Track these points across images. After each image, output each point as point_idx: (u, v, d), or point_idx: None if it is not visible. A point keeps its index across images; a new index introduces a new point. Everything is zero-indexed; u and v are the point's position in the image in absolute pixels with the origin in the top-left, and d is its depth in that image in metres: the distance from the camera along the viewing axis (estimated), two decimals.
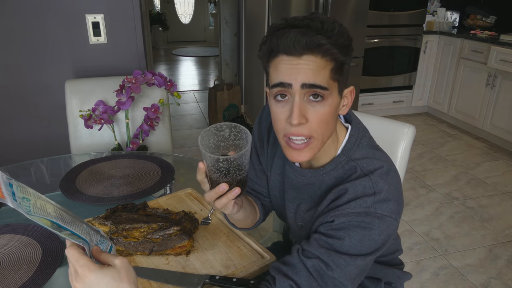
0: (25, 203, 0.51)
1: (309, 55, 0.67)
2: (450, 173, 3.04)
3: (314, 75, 0.67)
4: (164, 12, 8.82)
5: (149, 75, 1.56)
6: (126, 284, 0.58)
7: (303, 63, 0.67)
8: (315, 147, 0.73)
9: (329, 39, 0.67)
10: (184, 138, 3.68)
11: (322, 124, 0.71)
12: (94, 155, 1.48)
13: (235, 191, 0.68)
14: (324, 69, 0.68)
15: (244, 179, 0.70)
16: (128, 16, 1.89)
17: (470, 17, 4.07)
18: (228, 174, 0.67)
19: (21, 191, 0.52)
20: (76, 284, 0.57)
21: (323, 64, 0.68)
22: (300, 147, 0.72)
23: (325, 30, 0.67)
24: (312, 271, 0.70)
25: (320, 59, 0.67)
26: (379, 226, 0.70)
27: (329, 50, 0.67)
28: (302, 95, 0.69)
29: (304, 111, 0.69)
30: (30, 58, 1.84)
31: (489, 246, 2.20)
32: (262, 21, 3.36)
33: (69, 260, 0.58)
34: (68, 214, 0.58)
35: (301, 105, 0.69)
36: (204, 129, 0.69)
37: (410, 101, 4.24)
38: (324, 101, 0.70)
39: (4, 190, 0.49)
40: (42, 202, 0.54)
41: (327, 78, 0.68)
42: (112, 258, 0.60)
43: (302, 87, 0.68)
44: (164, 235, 0.90)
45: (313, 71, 0.67)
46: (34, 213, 0.52)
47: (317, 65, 0.67)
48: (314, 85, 0.68)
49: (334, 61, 0.68)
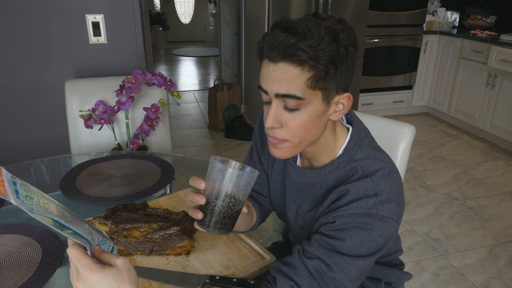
0: (28, 201, 0.52)
1: (285, 63, 0.66)
2: (450, 173, 3.04)
3: (288, 85, 0.67)
4: (164, 12, 8.82)
5: (149, 75, 1.56)
6: (127, 284, 0.58)
7: (278, 71, 0.67)
8: (291, 149, 0.74)
9: (310, 48, 0.64)
10: (184, 138, 3.68)
11: (299, 129, 0.71)
12: (94, 155, 1.48)
13: (198, 214, 0.70)
14: (299, 79, 0.66)
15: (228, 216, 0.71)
16: (128, 16, 1.89)
17: (470, 17, 4.07)
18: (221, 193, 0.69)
19: (25, 190, 0.52)
20: (77, 284, 0.57)
21: (298, 73, 0.66)
22: (275, 143, 0.74)
23: (311, 37, 0.64)
24: (313, 271, 0.70)
25: (296, 67, 0.65)
26: (380, 227, 0.69)
27: (307, 61, 0.64)
28: (278, 101, 0.70)
29: (280, 116, 0.71)
30: (30, 58, 1.84)
31: (489, 246, 2.20)
32: (262, 21, 3.36)
33: (71, 260, 0.57)
34: (70, 213, 0.58)
35: (276, 110, 0.70)
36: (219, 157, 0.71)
37: (410, 101, 4.24)
38: (301, 110, 0.69)
39: (7, 188, 0.50)
40: (45, 200, 0.55)
41: (303, 87, 0.67)
42: (113, 258, 0.59)
43: (276, 96, 0.69)
44: (164, 235, 0.90)
45: (287, 81, 0.67)
46: (37, 211, 0.52)
47: (292, 74, 0.66)
48: (287, 95, 0.68)
49: (313, 70, 0.66)
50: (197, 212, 0.70)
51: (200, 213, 0.70)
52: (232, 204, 0.70)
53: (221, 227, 0.71)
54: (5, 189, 0.49)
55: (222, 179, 0.68)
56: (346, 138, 0.79)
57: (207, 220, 0.71)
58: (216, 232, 0.72)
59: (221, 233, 0.72)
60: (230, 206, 0.70)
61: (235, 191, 0.69)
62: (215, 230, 0.71)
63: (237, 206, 0.71)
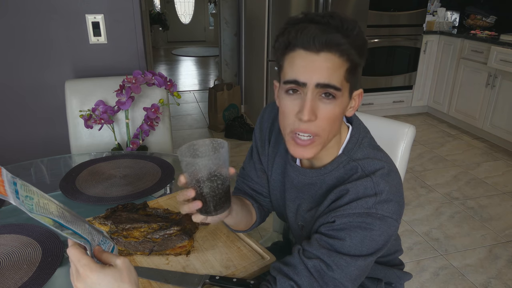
0: (28, 201, 0.52)
1: (327, 53, 0.67)
2: (450, 173, 3.04)
3: (330, 75, 0.67)
4: (164, 12, 8.81)
5: (149, 75, 1.56)
6: (128, 284, 0.58)
7: (320, 60, 0.67)
8: (319, 145, 0.73)
9: (348, 38, 0.66)
10: (184, 138, 3.68)
11: (329, 122, 0.71)
12: (94, 155, 1.48)
13: (196, 203, 0.69)
14: (340, 69, 0.68)
15: (220, 195, 0.70)
16: (128, 16, 1.89)
17: (470, 17, 4.07)
18: (201, 181, 0.68)
19: (25, 190, 0.52)
20: (78, 284, 0.57)
21: (340, 63, 0.67)
22: (305, 144, 0.72)
23: (345, 29, 0.66)
24: (313, 271, 0.70)
25: (338, 58, 0.67)
26: (380, 227, 0.69)
27: (347, 50, 0.67)
28: (315, 92, 0.69)
29: (315, 108, 0.69)
30: (30, 58, 1.84)
31: (489, 246, 2.20)
32: (262, 21, 3.36)
33: (71, 260, 0.57)
34: (70, 213, 0.58)
35: (313, 101, 0.69)
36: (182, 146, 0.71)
37: (410, 101, 4.24)
38: (335, 101, 0.69)
39: (7, 188, 0.50)
40: (45, 201, 0.55)
41: (341, 78, 0.68)
42: (113, 258, 0.59)
43: (316, 86, 0.68)
44: (164, 235, 0.90)
45: (329, 70, 0.67)
46: (37, 211, 0.52)
47: (334, 64, 0.67)
48: (328, 85, 0.67)
49: (350, 61, 0.68)
50: (195, 203, 0.69)
51: (199, 202, 0.69)
52: (219, 183, 0.69)
53: (222, 206, 0.72)
54: (5, 190, 0.49)
55: (197, 171, 0.68)
56: (346, 137, 0.79)
57: (206, 208, 0.71)
58: (220, 212, 0.72)
59: (224, 210, 0.72)
60: (219, 186, 0.70)
61: (214, 172, 0.68)
62: (218, 211, 0.72)
63: (225, 182, 0.70)
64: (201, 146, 0.73)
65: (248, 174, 0.98)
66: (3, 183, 0.50)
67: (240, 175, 1.01)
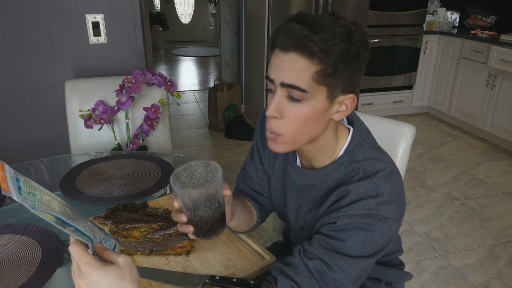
0: (31, 198, 0.52)
1: (295, 53, 0.66)
2: (450, 173, 3.04)
3: (295, 76, 0.67)
4: (164, 12, 8.82)
5: (149, 75, 1.56)
6: (129, 282, 0.58)
7: (287, 60, 0.67)
8: (286, 144, 0.74)
9: (323, 41, 0.64)
10: (184, 138, 3.68)
11: (297, 123, 0.71)
12: (94, 155, 1.48)
13: (188, 228, 0.70)
14: (306, 71, 0.66)
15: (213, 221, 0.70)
16: (128, 16, 1.89)
17: (470, 17, 4.07)
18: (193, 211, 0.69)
19: (27, 186, 0.52)
20: (79, 281, 0.57)
21: (307, 65, 0.66)
22: (270, 138, 0.74)
23: (325, 31, 0.64)
24: (313, 272, 0.70)
25: (305, 59, 0.66)
26: (381, 228, 0.69)
27: (315, 54, 0.65)
28: (282, 91, 0.69)
29: (281, 107, 0.70)
30: (30, 58, 1.84)
31: (489, 246, 2.20)
32: (262, 21, 3.36)
33: (72, 257, 0.57)
34: (72, 211, 0.58)
35: (279, 99, 0.70)
36: (177, 169, 0.71)
37: (410, 101, 4.24)
38: (302, 103, 0.69)
39: (10, 185, 0.50)
40: (47, 197, 0.55)
41: (310, 80, 0.67)
42: (115, 256, 0.59)
43: (281, 85, 0.69)
44: (164, 235, 0.89)
45: (294, 71, 0.67)
46: (39, 208, 0.52)
47: (300, 65, 0.66)
48: (292, 85, 0.68)
49: (323, 65, 0.66)
50: (187, 227, 0.71)
51: (191, 227, 0.71)
52: (211, 213, 0.69)
53: (215, 232, 0.72)
54: (8, 186, 0.49)
55: (188, 202, 0.68)
56: (347, 138, 0.79)
57: (198, 232, 0.72)
58: (214, 237, 0.73)
59: (217, 234, 0.73)
60: (210, 215, 0.69)
61: (206, 203, 0.68)
62: (211, 236, 0.72)
63: (219, 210, 0.70)
64: (196, 170, 0.72)
65: (248, 174, 0.98)
66: (6, 179, 0.50)
67: (240, 175, 1.01)
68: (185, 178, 0.72)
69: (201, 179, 0.73)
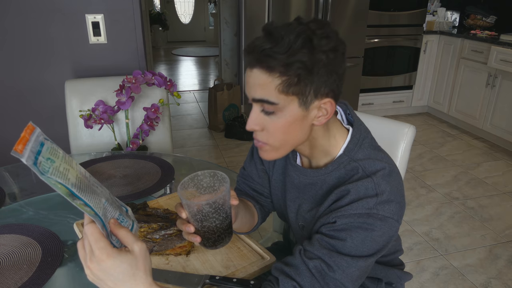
0: (47, 163, 0.50)
1: (257, 69, 0.68)
2: (450, 173, 3.04)
3: (261, 90, 0.68)
4: (164, 12, 8.81)
5: (149, 75, 1.56)
6: (143, 272, 0.58)
7: (253, 76, 0.69)
8: (273, 151, 0.75)
9: (280, 54, 0.64)
10: (184, 138, 3.68)
11: (277, 133, 0.72)
12: (94, 155, 1.48)
13: (195, 238, 0.71)
14: (270, 84, 0.67)
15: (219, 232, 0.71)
16: (128, 16, 1.89)
17: (470, 17, 4.07)
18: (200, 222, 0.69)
19: (50, 153, 0.51)
20: (90, 265, 0.56)
21: (269, 79, 0.67)
22: (259, 147, 0.76)
23: (282, 43, 0.64)
24: (314, 272, 0.70)
25: (265, 74, 0.67)
26: (381, 227, 0.69)
27: (274, 68, 0.65)
28: (257, 106, 0.71)
29: (259, 120, 0.72)
30: (30, 58, 1.84)
31: (489, 246, 2.20)
32: (262, 21, 3.36)
33: (85, 237, 0.56)
34: (91, 185, 0.56)
35: (255, 114, 0.72)
36: (184, 179, 0.72)
37: (410, 101, 4.24)
38: (277, 114, 0.70)
39: (27, 147, 0.48)
40: (67, 166, 0.52)
41: (275, 92, 0.67)
42: (131, 241, 0.58)
43: (253, 100, 0.71)
44: (164, 235, 0.90)
45: (259, 86, 0.68)
46: (51, 175, 0.50)
47: (263, 80, 0.67)
48: (261, 99, 0.69)
49: (284, 76, 0.66)
50: (194, 237, 0.72)
51: (198, 238, 0.72)
52: (218, 223, 0.70)
53: (221, 242, 0.73)
54: (24, 148, 0.47)
55: (195, 213, 0.69)
56: (347, 138, 0.79)
57: (205, 242, 0.72)
58: (220, 247, 0.73)
59: (224, 244, 0.74)
60: (217, 226, 0.70)
61: (213, 214, 0.69)
62: (217, 246, 0.73)
63: (225, 220, 0.71)
64: (203, 179, 0.73)
65: (249, 174, 0.98)
66: (26, 142, 0.48)
67: (241, 175, 1.01)
68: (192, 188, 0.72)
69: (208, 188, 0.73)
